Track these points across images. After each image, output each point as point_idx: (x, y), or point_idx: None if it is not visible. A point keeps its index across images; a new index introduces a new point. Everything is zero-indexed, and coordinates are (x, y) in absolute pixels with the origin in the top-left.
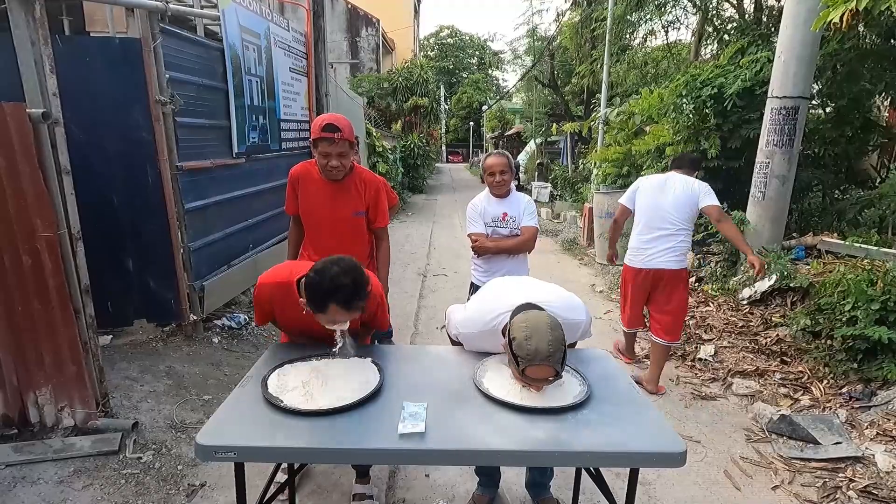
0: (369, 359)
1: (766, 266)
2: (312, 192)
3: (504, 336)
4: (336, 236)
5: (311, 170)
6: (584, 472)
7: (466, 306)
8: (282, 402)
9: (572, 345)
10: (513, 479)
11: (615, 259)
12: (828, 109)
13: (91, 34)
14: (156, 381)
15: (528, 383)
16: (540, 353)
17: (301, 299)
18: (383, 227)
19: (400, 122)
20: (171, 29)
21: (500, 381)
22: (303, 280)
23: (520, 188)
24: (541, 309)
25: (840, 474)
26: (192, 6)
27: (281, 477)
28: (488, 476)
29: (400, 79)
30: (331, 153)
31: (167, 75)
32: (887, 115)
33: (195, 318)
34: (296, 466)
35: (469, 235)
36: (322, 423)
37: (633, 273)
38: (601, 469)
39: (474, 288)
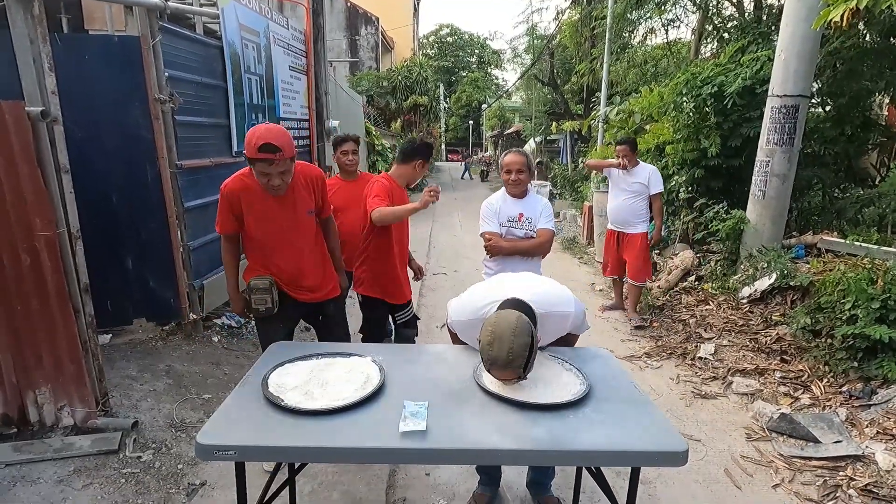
0: (369, 357)
1: None
2: (258, 206)
3: None
4: (295, 242)
5: (251, 184)
6: (584, 470)
7: (461, 295)
8: (282, 401)
9: (572, 339)
10: (513, 479)
11: None
12: (828, 108)
13: (90, 32)
14: (155, 380)
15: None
16: (499, 360)
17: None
18: (329, 217)
19: (399, 120)
20: (170, 27)
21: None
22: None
23: None
24: (522, 306)
25: (840, 473)
26: (192, 4)
27: (279, 477)
28: (489, 475)
29: (399, 77)
30: (271, 173)
31: (166, 73)
32: (887, 113)
33: (195, 316)
34: (296, 466)
35: (482, 234)
36: (323, 422)
37: None
38: (602, 468)
39: None
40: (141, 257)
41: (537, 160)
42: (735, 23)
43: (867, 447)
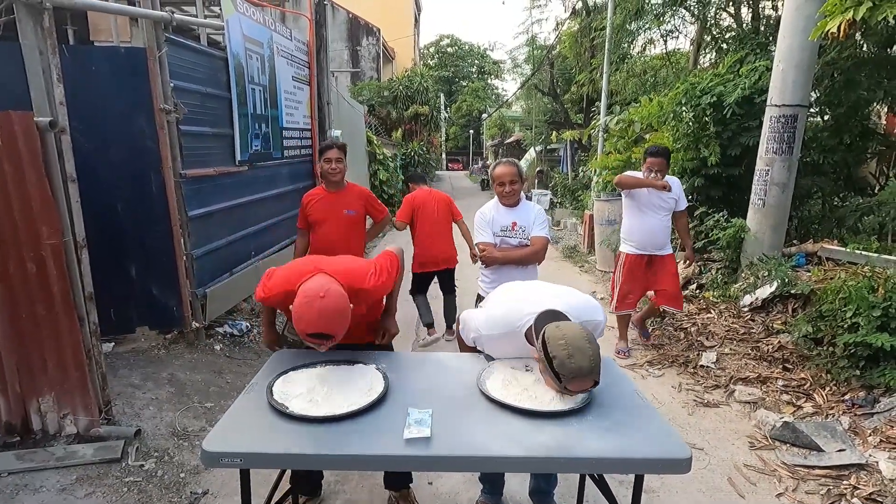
0: (373, 365)
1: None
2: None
3: (532, 342)
4: None
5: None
6: (588, 478)
7: (486, 307)
8: (287, 408)
9: None
10: (516, 488)
11: None
12: (826, 117)
13: (95, 43)
14: (158, 389)
15: (567, 393)
16: (583, 370)
17: None
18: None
19: (400, 130)
20: (175, 38)
21: (504, 385)
22: None
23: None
24: (562, 317)
25: (844, 482)
26: (196, 16)
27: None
28: (492, 483)
29: (400, 87)
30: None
31: (171, 84)
32: (885, 122)
33: (197, 325)
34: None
35: (476, 245)
36: (328, 429)
37: None
38: (605, 476)
39: (480, 299)
40: (144, 266)
41: (538, 169)
42: (733, 33)
43: (870, 456)
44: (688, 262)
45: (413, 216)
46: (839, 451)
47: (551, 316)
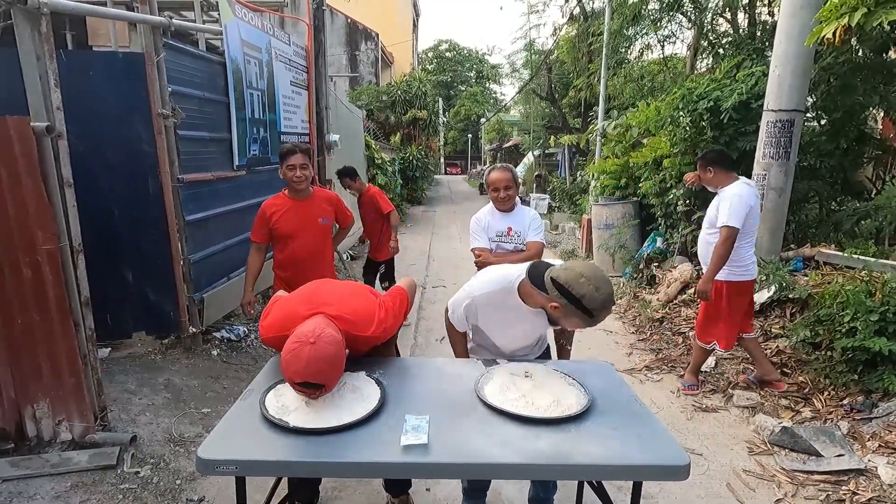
0: (363, 372)
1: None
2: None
3: (526, 298)
4: None
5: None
6: (586, 485)
7: (471, 282)
8: (287, 423)
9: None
10: (515, 495)
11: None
12: (823, 122)
13: (93, 48)
14: (154, 395)
15: (594, 324)
16: (610, 295)
17: None
18: None
19: (399, 134)
20: (173, 43)
21: (502, 391)
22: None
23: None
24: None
25: (843, 487)
26: (195, 21)
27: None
28: (479, 490)
29: (399, 92)
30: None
31: (169, 89)
32: (881, 127)
33: (194, 330)
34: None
35: (472, 250)
36: (324, 436)
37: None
38: (604, 482)
39: None
40: (141, 270)
41: (536, 173)
42: (730, 39)
43: (869, 461)
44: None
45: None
46: (838, 456)
47: (542, 266)
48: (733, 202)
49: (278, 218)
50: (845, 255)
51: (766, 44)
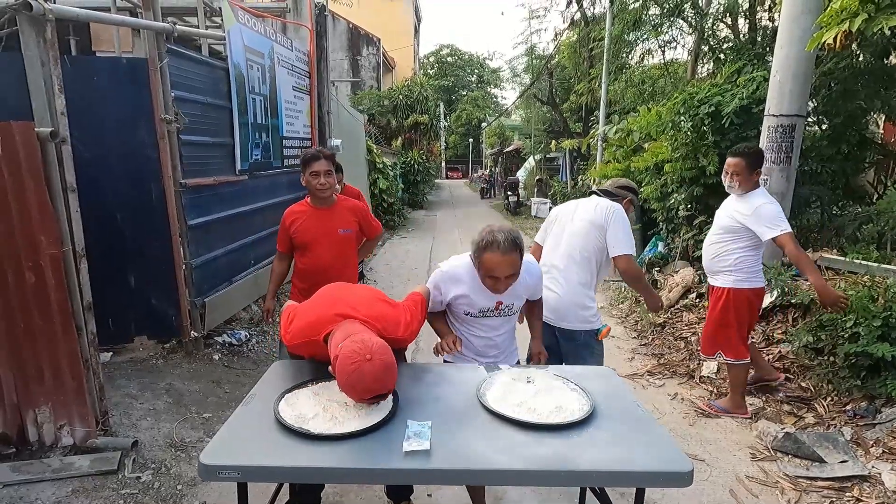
0: None
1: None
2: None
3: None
4: None
5: None
6: (588, 491)
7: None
8: (311, 431)
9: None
10: (517, 498)
11: None
12: (824, 127)
13: (97, 54)
14: (156, 399)
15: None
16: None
17: None
18: None
19: (400, 138)
20: (177, 49)
21: (504, 397)
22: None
23: (519, 203)
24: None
25: (847, 493)
26: (198, 26)
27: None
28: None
29: (400, 96)
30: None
31: (172, 94)
32: (882, 132)
33: (196, 334)
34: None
35: (435, 348)
36: (326, 442)
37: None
38: (606, 489)
39: None
40: (143, 275)
41: (537, 178)
42: (730, 44)
43: (873, 467)
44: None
45: None
46: (841, 462)
47: (607, 189)
48: (775, 209)
49: (298, 226)
50: (847, 259)
51: (767, 49)
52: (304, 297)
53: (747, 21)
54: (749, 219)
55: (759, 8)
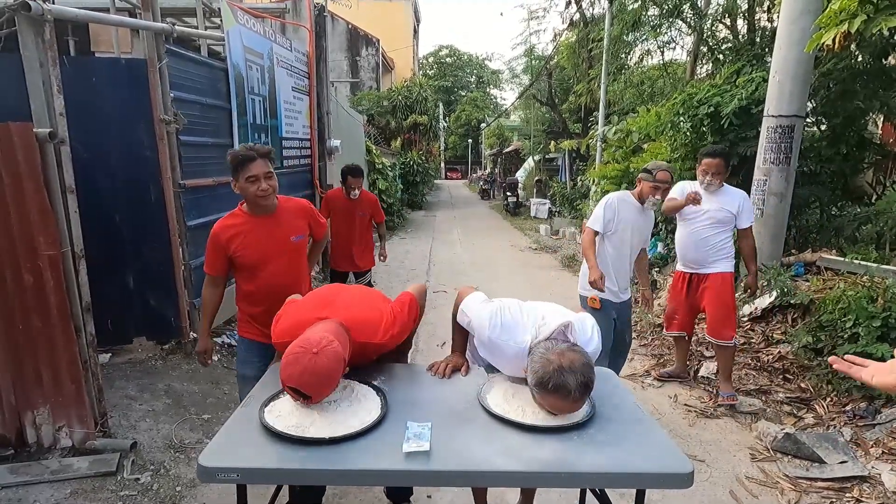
0: (366, 380)
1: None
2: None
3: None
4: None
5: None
6: (588, 492)
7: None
8: (304, 435)
9: None
10: (516, 499)
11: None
12: (823, 127)
13: (96, 54)
14: (154, 400)
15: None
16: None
17: None
18: None
19: (399, 139)
20: (176, 49)
21: (505, 399)
22: None
23: (518, 204)
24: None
25: (847, 494)
26: (197, 27)
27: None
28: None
29: (399, 97)
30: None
31: (172, 94)
32: (881, 132)
33: (195, 335)
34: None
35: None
36: (326, 444)
37: None
38: (606, 490)
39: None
40: (142, 276)
41: (536, 178)
42: (730, 45)
43: (873, 467)
44: (748, 290)
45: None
46: (841, 462)
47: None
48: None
49: (239, 243)
50: (847, 260)
51: (766, 50)
52: (260, 325)
53: (746, 22)
54: (738, 209)
55: (757, 9)
